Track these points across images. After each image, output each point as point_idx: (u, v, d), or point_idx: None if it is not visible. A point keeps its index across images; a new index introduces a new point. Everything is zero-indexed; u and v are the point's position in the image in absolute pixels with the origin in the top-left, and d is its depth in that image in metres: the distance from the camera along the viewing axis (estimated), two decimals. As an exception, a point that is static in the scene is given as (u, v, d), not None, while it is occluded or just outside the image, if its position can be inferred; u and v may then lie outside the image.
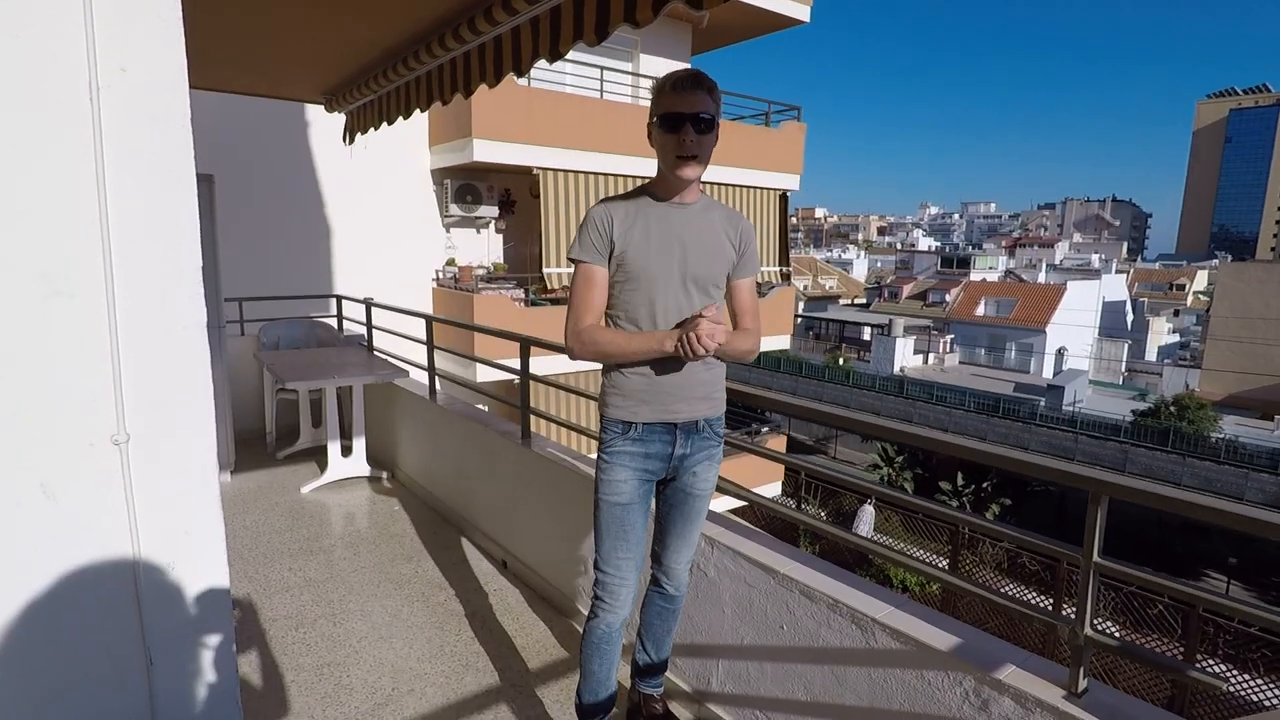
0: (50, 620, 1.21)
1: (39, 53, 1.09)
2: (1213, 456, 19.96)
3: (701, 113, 1.80)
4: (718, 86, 1.87)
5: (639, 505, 1.99)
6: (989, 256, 54.36)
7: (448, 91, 3.16)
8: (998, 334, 37.02)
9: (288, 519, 4.23)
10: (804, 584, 2.08)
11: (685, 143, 1.80)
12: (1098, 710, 1.53)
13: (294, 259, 8.54)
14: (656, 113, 1.84)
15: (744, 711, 2.28)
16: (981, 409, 24.48)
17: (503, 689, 2.62)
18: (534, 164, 9.29)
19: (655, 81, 1.87)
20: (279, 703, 2.53)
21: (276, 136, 8.22)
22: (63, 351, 1.14)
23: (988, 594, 1.92)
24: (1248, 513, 1.38)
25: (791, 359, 31.35)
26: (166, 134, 1.15)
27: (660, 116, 1.82)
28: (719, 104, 1.87)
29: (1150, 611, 11.36)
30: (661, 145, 1.86)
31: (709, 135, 1.84)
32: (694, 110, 1.79)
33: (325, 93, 4.24)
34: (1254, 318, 31.23)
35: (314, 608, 3.19)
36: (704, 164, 1.87)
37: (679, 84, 1.81)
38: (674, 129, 1.80)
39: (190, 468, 1.26)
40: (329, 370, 4.77)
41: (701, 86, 1.82)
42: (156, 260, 1.18)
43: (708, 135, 1.83)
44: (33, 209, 1.11)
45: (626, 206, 1.93)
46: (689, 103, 1.80)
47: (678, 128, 1.80)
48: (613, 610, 2.03)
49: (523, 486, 3.47)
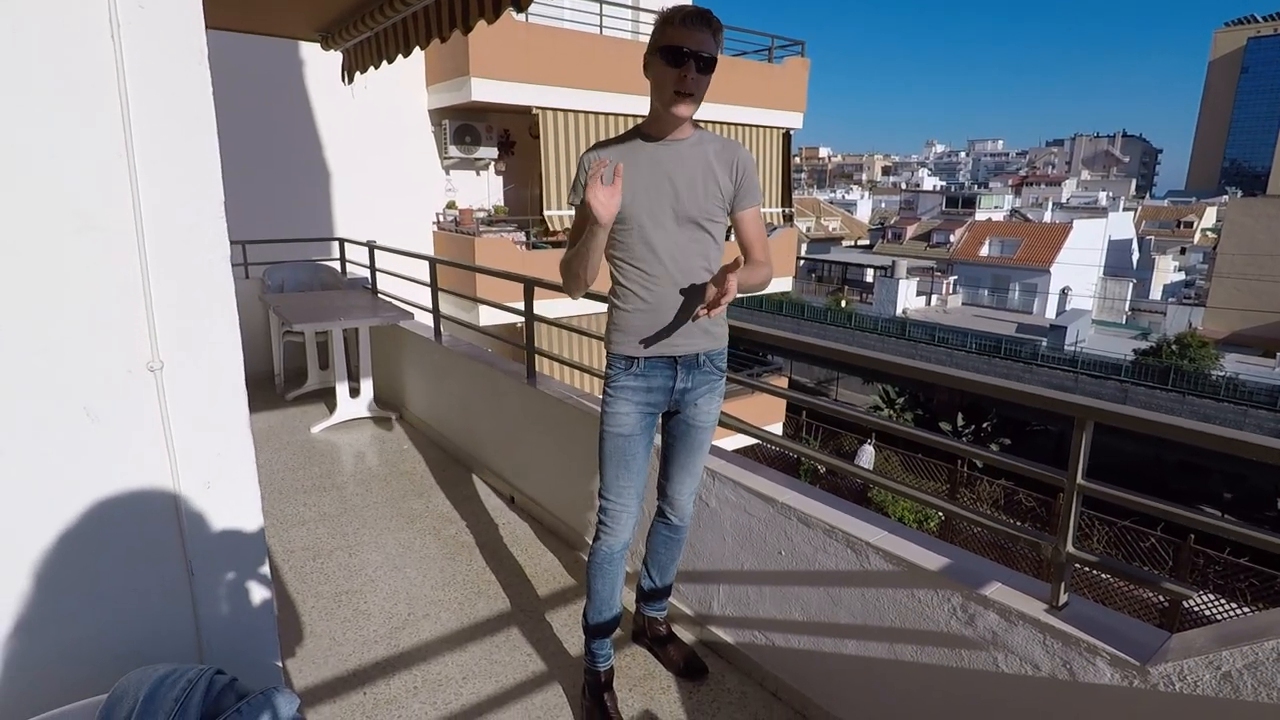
0: (102, 532, 1.30)
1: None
2: (1212, 394, 20.10)
3: (704, 51, 1.79)
4: (723, 29, 1.86)
5: (641, 437, 2.05)
6: (995, 196, 53.57)
7: (445, 28, 3.12)
8: (1001, 274, 36.81)
9: (299, 457, 4.34)
10: (801, 511, 2.17)
11: (685, 79, 1.80)
12: (1076, 621, 1.63)
13: (295, 203, 8.49)
14: (660, 44, 1.82)
15: (744, 632, 2.40)
16: (982, 350, 24.54)
17: (513, 613, 2.75)
18: (533, 103, 9.14)
19: (662, 12, 1.84)
20: (302, 626, 2.66)
21: (275, 79, 8.08)
22: (98, 284, 1.19)
23: (979, 518, 2.00)
24: (1224, 433, 1.44)
25: (794, 302, 31.28)
26: (186, 70, 1.17)
27: (663, 48, 1.81)
28: (721, 47, 1.87)
29: (1143, 544, 11.67)
30: (659, 78, 1.84)
31: (707, 76, 1.83)
32: (698, 48, 1.78)
33: (321, 29, 4.17)
34: (1261, 254, 30.93)
35: (330, 540, 3.32)
36: (697, 104, 1.87)
37: (688, 19, 1.79)
38: (676, 63, 1.79)
39: (221, 393, 1.33)
40: (334, 312, 4.82)
41: (710, 26, 1.81)
42: (182, 195, 1.22)
43: (706, 75, 1.83)
44: (63, 147, 1.14)
45: (618, 149, 1.94)
46: (695, 40, 1.78)
47: (680, 62, 1.79)
48: (615, 534, 2.12)
49: (529, 425, 3.55)
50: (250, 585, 1.48)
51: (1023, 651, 1.68)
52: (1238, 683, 1.36)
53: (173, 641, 1.43)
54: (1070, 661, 1.60)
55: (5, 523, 1.25)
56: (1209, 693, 1.40)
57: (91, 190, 1.18)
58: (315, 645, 2.56)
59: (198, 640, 1.45)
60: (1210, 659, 1.40)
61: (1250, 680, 1.35)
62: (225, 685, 1.20)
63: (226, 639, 1.48)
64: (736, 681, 2.35)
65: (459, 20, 2.99)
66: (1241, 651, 1.35)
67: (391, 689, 2.33)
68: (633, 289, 1.97)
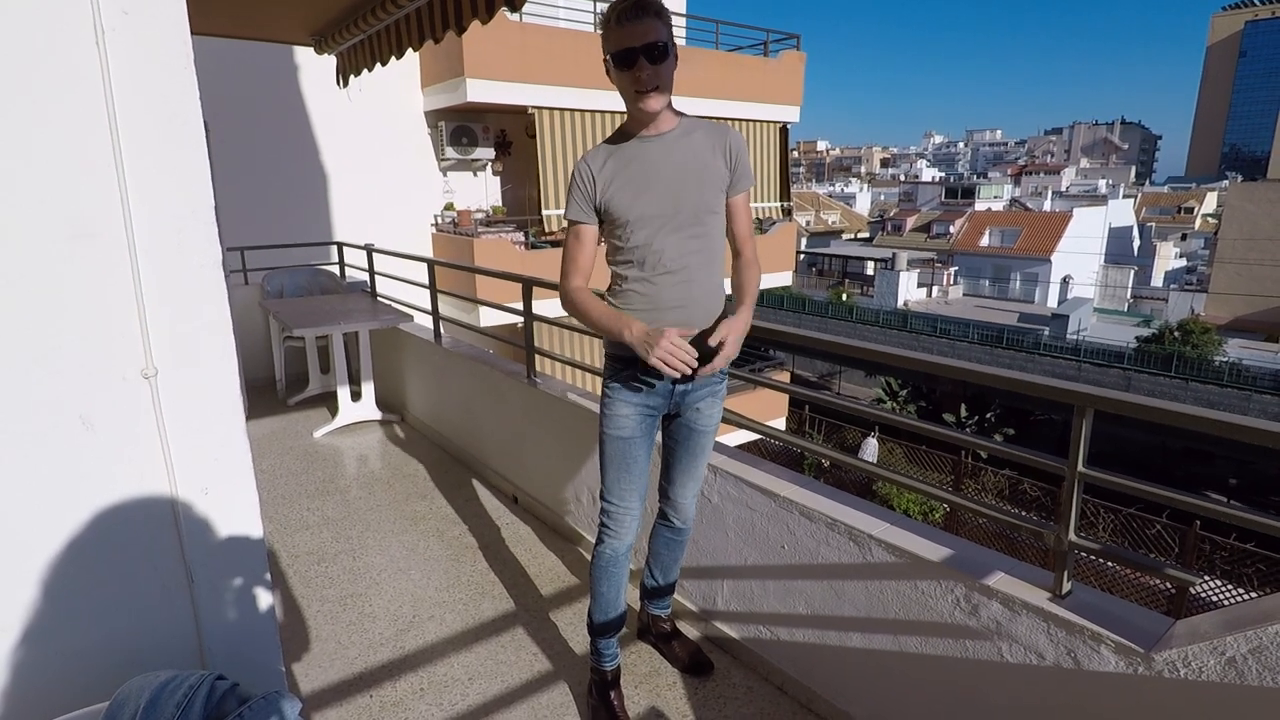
0: (100, 539, 1.31)
1: (46, 0, 1.11)
2: (1216, 380, 20.07)
3: (653, 41, 1.73)
4: (665, 7, 1.78)
5: (641, 439, 2.03)
6: (994, 185, 53.47)
7: (439, 28, 3.11)
8: (1002, 264, 36.75)
9: (303, 462, 4.35)
10: (803, 505, 2.17)
11: (641, 77, 1.75)
12: (1080, 609, 1.62)
13: (292, 208, 8.51)
14: (607, 50, 1.78)
15: (748, 627, 2.40)
16: (985, 340, 24.53)
17: (518, 613, 2.75)
18: (529, 103, 9.13)
19: (601, 16, 1.81)
20: (308, 631, 2.66)
21: (270, 84, 8.09)
22: (90, 290, 1.19)
23: (981, 508, 2.00)
24: (1224, 418, 1.44)
25: (794, 296, 31.26)
26: (172, 76, 1.17)
27: (612, 55, 1.77)
28: (669, 24, 1.79)
29: (1149, 532, 11.65)
30: (618, 83, 1.81)
31: (665, 62, 1.77)
32: (644, 41, 1.73)
33: (314, 34, 4.17)
34: (1263, 239, 30.84)
35: (334, 544, 3.32)
36: (667, 91, 1.82)
37: (623, 15, 1.73)
38: (628, 65, 1.75)
39: (216, 397, 1.33)
40: (334, 316, 4.82)
41: (648, 12, 1.73)
42: (171, 201, 1.22)
43: (664, 63, 1.76)
44: (53, 154, 1.14)
45: (607, 152, 1.91)
46: (637, 34, 1.73)
47: (631, 63, 1.74)
48: (618, 537, 2.11)
49: (531, 424, 3.55)
50: (251, 589, 1.48)
51: (1027, 640, 1.68)
52: (1242, 668, 1.36)
53: (174, 647, 1.43)
54: (1074, 649, 1.60)
55: (4, 532, 1.25)
56: (1214, 678, 1.40)
57: (81, 197, 1.18)
58: (321, 649, 2.56)
59: (199, 646, 1.45)
60: (1214, 644, 1.39)
61: (1255, 665, 1.34)
62: (227, 690, 1.20)
63: (228, 644, 1.48)
64: (742, 676, 2.35)
65: (452, 21, 2.98)
66: (1246, 636, 1.35)
67: (398, 691, 2.33)
68: (632, 289, 1.94)
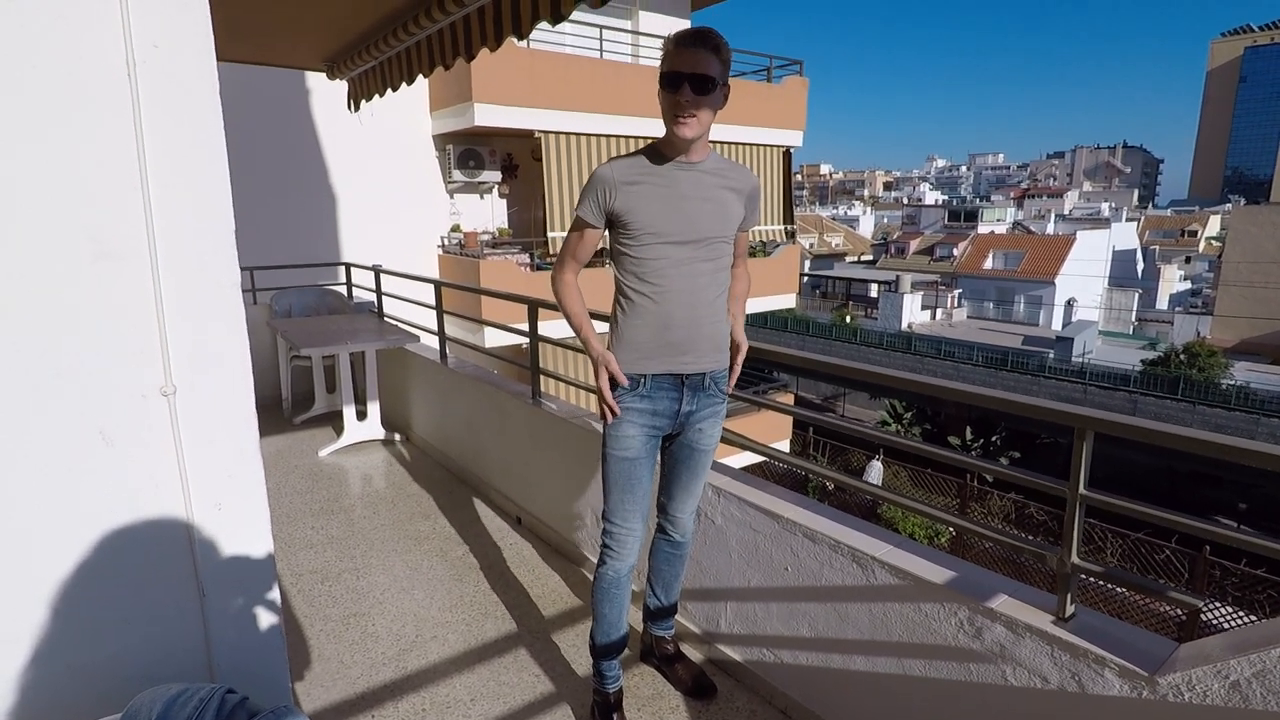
0: (115, 554, 1.33)
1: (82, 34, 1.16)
2: (1223, 403, 19.97)
3: (702, 73, 1.78)
4: (727, 45, 1.83)
5: (645, 460, 2.06)
6: (997, 209, 53.65)
7: (449, 55, 3.17)
8: (1006, 287, 36.79)
9: (307, 481, 4.36)
10: (807, 527, 2.17)
11: (681, 102, 1.80)
12: (1083, 632, 1.62)
13: (302, 229, 8.58)
14: (661, 70, 1.84)
15: (752, 650, 2.39)
16: (989, 363, 24.49)
17: (520, 634, 2.74)
18: (535, 127, 9.24)
19: (667, 37, 1.88)
20: (310, 650, 2.66)
21: (280, 107, 8.20)
22: (113, 310, 1.23)
23: (985, 531, 2.00)
24: (1227, 441, 1.45)
25: (798, 318, 31.30)
26: (198, 104, 1.22)
27: (663, 75, 1.83)
28: (727, 64, 1.84)
29: (1158, 557, 11.54)
30: (662, 103, 1.86)
31: (709, 96, 1.81)
32: (693, 70, 1.78)
33: (327, 60, 4.25)
34: (1267, 262, 30.86)
35: (338, 563, 3.33)
36: (704, 125, 1.86)
37: (682, 41, 1.81)
38: (674, 88, 1.81)
39: (232, 417, 1.36)
40: (341, 336, 4.86)
41: (706, 45, 1.79)
42: (193, 224, 1.26)
43: (707, 96, 1.81)
44: (82, 178, 1.19)
45: (633, 166, 1.94)
46: (689, 61, 1.78)
47: (677, 87, 1.80)
48: (620, 558, 2.12)
49: (535, 445, 3.57)
50: (260, 606, 1.50)
51: (1031, 664, 1.68)
52: (1246, 691, 1.36)
53: (184, 662, 1.45)
54: (1078, 673, 1.60)
55: (22, 543, 1.27)
56: (1218, 702, 1.40)
57: (108, 220, 1.22)
58: (324, 669, 2.56)
59: (209, 660, 1.46)
60: (1218, 668, 1.39)
61: (1259, 688, 1.34)
62: (236, 704, 1.21)
63: (237, 659, 1.50)
64: (746, 700, 2.34)
65: (463, 48, 3.04)
66: (1250, 660, 1.35)
67: (400, 712, 2.33)
68: (642, 304, 1.97)
